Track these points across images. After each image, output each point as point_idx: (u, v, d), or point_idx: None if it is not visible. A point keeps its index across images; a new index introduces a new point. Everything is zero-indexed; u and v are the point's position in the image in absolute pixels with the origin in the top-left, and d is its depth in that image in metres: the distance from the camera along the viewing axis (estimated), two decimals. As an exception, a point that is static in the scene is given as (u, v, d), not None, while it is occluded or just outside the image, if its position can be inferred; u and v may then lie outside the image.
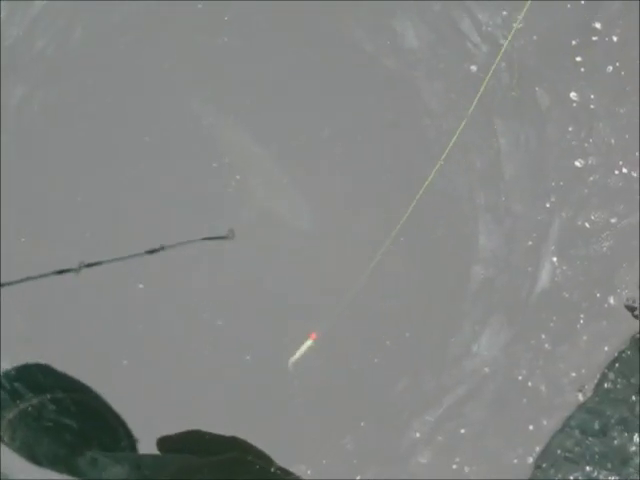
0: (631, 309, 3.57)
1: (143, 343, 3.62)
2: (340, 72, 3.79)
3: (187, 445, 3.35)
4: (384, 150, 3.68)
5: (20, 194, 3.67)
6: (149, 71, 3.84)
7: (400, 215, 3.54)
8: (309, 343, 3.58)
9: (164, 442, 3.34)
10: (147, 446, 3.43)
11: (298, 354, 3.57)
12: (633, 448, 3.40)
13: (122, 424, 3.50)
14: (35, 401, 3.56)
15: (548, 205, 3.64)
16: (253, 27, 3.84)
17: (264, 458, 3.30)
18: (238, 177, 3.82)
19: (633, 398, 3.46)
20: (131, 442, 3.49)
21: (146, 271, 3.60)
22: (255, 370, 3.62)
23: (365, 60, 3.77)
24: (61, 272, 3.14)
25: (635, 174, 3.64)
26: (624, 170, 3.63)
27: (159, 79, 3.86)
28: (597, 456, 3.42)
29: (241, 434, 3.32)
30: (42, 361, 3.53)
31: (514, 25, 3.60)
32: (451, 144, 3.44)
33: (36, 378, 3.56)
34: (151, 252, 3.32)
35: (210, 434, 3.34)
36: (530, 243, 3.65)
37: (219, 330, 3.67)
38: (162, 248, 3.37)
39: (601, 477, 3.35)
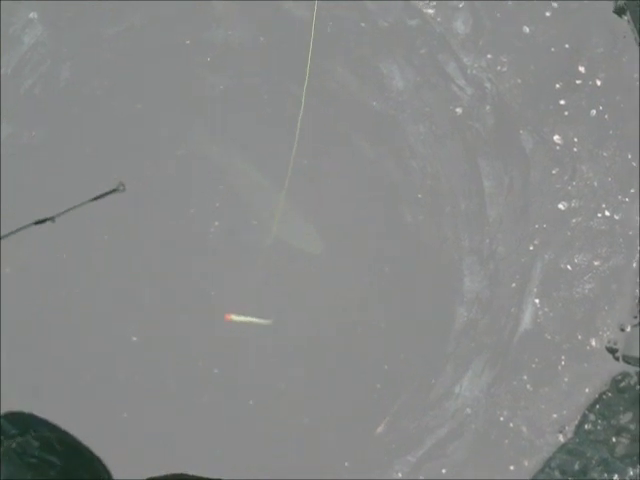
0: (612, 351, 3.59)
1: (141, 394, 3.63)
2: (325, 112, 3.82)
3: (173, 488, 3.36)
4: (368, 191, 3.70)
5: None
6: (137, 110, 3.85)
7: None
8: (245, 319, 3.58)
9: (151, 485, 3.34)
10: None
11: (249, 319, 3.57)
12: (613, 489, 3.42)
13: (103, 466, 3.51)
14: (19, 437, 3.57)
15: (531, 247, 3.66)
16: (242, 68, 3.87)
17: (248, 499, 3.31)
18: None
19: (613, 439, 3.49)
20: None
21: (140, 324, 3.63)
22: (244, 414, 3.64)
23: (351, 101, 3.79)
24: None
25: (618, 217, 3.66)
26: (607, 213, 3.66)
27: (148, 118, 3.89)
28: (577, 497, 3.44)
29: (227, 476, 3.35)
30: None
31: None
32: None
33: (21, 417, 3.57)
34: (40, 222, 3.19)
35: (196, 477, 3.35)
36: (513, 285, 3.67)
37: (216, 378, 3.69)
38: (52, 218, 3.24)
39: (581, 519, 3.38)
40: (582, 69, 3.70)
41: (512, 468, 3.51)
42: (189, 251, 3.84)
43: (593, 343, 3.58)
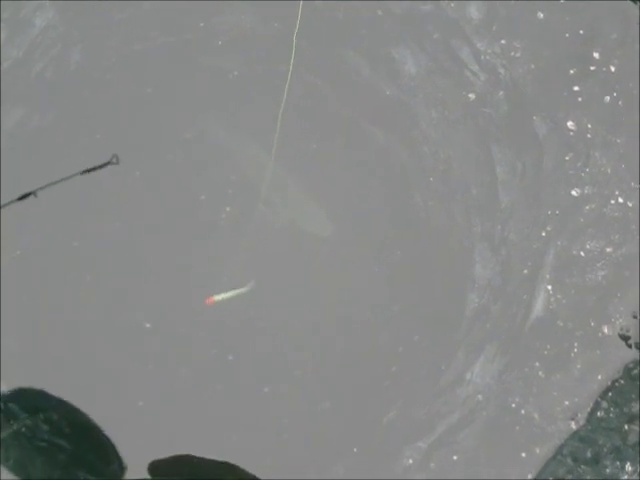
0: (625, 338, 3.57)
1: (155, 382, 3.60)
2: (337, 97, 3.80)
3: (179, 470, 3.35)
4: (380, 177, 3.69)
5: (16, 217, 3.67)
6: (148, 93, 3.84)
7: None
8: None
9: (155, 466, 3.33)
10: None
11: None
12: (625, 477, 3.40)
13: (113, 447, 3.50)
14: (29, 421, 3.56)
15: (544, 234, 3.64)
16: (255, 52, 3.85)
17: (256, 483, 3.30)
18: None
19: (626, 427, 3.46)
20: (121, 467, 3.48)
21: (153, 311, 3.61)
22: (252, 399, 3.62)
23: (363, 86, 3.77)
24: None
25: (631, 204, 3.64)
26: (620, 200, 3.64)
27: (158, 101, 3.87)
28: (589, 484, 3.42)
29: (233, 460, 3.33)
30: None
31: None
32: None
33: (30, 399, 3.56)
34: (22, 198, 3.09)
35: (201, 459, 3.34)
36: (525, 271, 3.65)
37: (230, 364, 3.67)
38: (34, 193, 3.12)
39: (593, 506, 3.36)
40: (596, 55, 3.68)
41: (523, 455, 3.49)
42: (201, 236, 3.82)
43: (606, 330, 3.56)
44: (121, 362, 3.67)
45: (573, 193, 3.65)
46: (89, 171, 3.12)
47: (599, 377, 3.52)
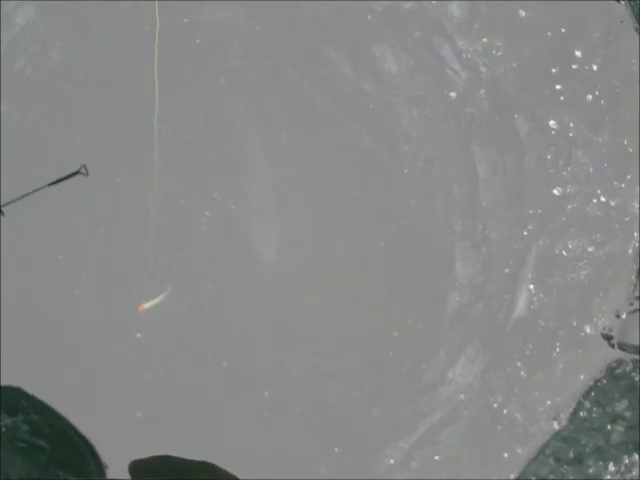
0: (607, 338, 3.57)
1: (150, 393, 3.57)
2: (318, 95, 3.79)
3: (159, 469, 3.34)
4: (361, 176, 3.68)
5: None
6: (128, 93, 3.83)
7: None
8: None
9: (136, 466, 3.33)
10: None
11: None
12: (608, 477, 3.39)
13: (90, 448, 3.48)
14: (9, 421, 3.55)
15: (525, 233, 3.64)
16: (234, 49, 3.85)
17: (235, 483, 3.30)
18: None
19: (608, 427, 3.46)
20: (99, 467, 3.47)
21: (142, 320, 3.58)
22: (236, 402, 3.60)
23: (344, 84, 3.76)
24: None
25: (613, 203, 3.64)
26: (602, 199, 3.64)
27: (139, 100, 3.85)
28: (572, 484, 3.41)
29: (213, 459, 3.32)
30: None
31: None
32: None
33: (9, 399, 3.55)
34: None
35: (181, 459, 3.33)
36: (507, 271, 3.65)
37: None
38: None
39: (575, 506, 3.36)
40: (578, 54, 3.68)
41: (506, 455, 3.49)
42: (186, 242, 3.79)
43: (588, 330, 3.56)
44: (112, 376, 3.63)
45: (555, 192, 3.65)
46: (56, 182, 3.06)
47: (581, 377, 3.52)
